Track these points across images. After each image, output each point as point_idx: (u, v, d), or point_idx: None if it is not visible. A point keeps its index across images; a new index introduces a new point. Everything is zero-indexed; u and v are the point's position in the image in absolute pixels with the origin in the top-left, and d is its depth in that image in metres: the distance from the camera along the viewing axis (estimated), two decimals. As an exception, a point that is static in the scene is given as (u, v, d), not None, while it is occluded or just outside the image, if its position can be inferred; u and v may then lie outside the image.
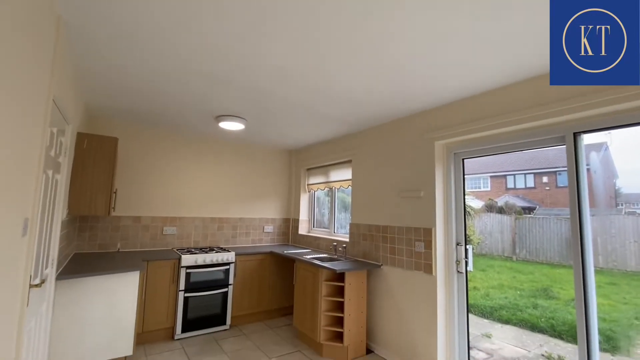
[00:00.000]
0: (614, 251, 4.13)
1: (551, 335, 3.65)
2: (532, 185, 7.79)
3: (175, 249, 3.74)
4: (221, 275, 3.53)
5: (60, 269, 2.43)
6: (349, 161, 3.77)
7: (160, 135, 3.85)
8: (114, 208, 3.14)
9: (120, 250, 3.51)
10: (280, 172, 4.84)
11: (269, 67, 2.07)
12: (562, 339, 3.55)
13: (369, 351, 3.06)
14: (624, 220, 4.18)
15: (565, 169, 2.08)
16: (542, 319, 3.93)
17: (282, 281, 4.01)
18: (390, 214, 3.07)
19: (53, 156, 1.85)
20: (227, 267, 3.57)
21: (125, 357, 2.60)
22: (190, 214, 4.01)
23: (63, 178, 2.21)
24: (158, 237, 3.77)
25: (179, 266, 3.28)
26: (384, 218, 3.14)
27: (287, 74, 2.16)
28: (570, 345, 3.42)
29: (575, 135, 2.02)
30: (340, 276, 3.00)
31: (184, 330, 3.25)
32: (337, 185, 4.08)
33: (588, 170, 2.09)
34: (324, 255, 3.71)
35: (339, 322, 2.99)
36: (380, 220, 3.17)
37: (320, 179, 4.41)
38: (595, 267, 1.96)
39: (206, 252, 3.54)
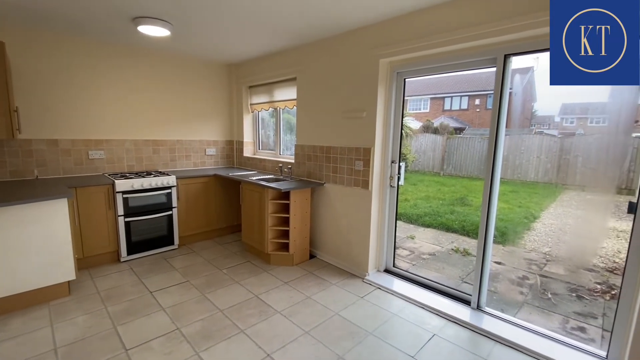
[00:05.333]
0: (520, 165, 4.88)
1: (461, 234, 4.43)
2: (466, 107, 8.40)
3: (106, 174, 3.47)
4: (163, 199, 3.44)
5: (-36, 199, 2.14)
6: (294, 79, 3.58)
7: (68, 42, 3.15)
8: (19, 130, 2.69)
9: (38, 177, 3.15)
10: (220, 90, 4.45)
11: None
12: (469, 236, 4.35)
13: (312, 257, 3.44)
14: (533, 139, 4.86)
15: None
16: (456, 222, 4.71)
17: (228, 202, 4.07)
18: (334, 135, 3.12)
19: None
20: (169, 190, 3.47)
21: (69, 282, 2.57)
22: (118, 136, 3.63)
23: None
24: (84, 162, 3.43)
25: (114, 192, 3.09)
26: (328, 139, 3.19)
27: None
28: (474, 240, 4.22)
29: (506, 57, 2.12)
30: (285, 195, 3.13)
31: (130, 253, 3.26)
32: (281, 105, 3.92)
33: (510, 92, 2.27)
34: (270, 176, 3.77)
35: (285, 234, 3.23)
36: (325, 141, 3.23)
37: (263, 98, 4.18)
38: (502, 178, 2.32)
39: (143, 177, 3.35)
